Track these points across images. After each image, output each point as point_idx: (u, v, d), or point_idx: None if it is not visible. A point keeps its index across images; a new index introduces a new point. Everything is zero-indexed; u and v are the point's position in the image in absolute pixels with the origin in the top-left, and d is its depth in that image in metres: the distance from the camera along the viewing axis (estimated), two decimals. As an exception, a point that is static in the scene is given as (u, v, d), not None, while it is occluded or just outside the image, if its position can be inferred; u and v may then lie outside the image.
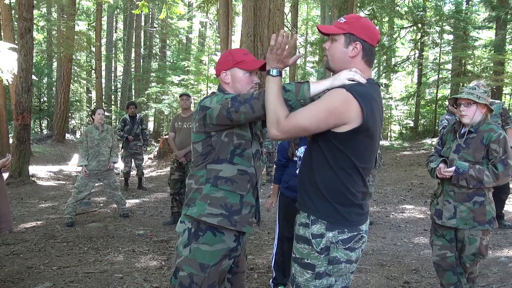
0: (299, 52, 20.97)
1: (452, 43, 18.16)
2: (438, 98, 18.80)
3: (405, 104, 22.31)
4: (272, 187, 4.44)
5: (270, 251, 4.90)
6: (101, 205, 7.69)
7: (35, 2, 10.96)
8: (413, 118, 21.89)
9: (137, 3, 13.00)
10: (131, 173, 9.45)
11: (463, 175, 2.91)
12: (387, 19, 19.96)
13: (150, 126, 24.19)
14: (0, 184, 3.49)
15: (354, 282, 3.94)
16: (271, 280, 3.88)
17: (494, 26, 16.09)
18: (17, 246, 5.12)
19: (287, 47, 1.93)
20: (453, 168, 2.97)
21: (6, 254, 4.81)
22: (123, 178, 9.24)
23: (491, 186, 2.97)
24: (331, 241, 1.87)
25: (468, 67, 18.29)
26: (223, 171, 2.16)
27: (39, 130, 24.38)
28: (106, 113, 7.89)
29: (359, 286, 3.89)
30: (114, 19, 28.88)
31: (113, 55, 27.65)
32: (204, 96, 2.27)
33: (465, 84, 16.80)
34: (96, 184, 8.09)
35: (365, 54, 1.94)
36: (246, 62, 2.25)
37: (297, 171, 3.67)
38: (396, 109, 23.20)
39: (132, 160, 9.08)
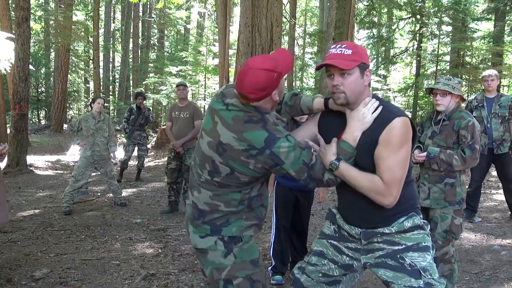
0: (297, 42, 20.89)
1: (450, 34, 18.12)
2: (436, 89, 18.77)
3: (403, 95, 22.31)
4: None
5: (265, 239, 4.95)
6: (99, 194, 7.72)
7: (32, -9, 10.89)
8: (411, 110, 21.89)
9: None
10: (129, 162, 9.45)
11: (434, 159, 3.19)
12: (385, 10, 19.89)
13: (148, 116, 24.07)
14: None
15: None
16: (269, 268, 3.92)
17: (493, 18, 16.06)
18: (15, 234, 5.15)
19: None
20: (425, 153, 3.23)
21: (4, 241, 4.84)
22: (119, 169, 9.20)
23: (462, 169, 3.24)
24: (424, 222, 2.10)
25: (467, 58, 18.27)
26: (254, 191, 2.11)
27: (37, 120, 24.33)
28: (104, 104, 7.90)
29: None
30: (112, 9, 28.71)
31: (111, 46, 27.52)
32: (271, 133, 1.94)
33: (464, 76, 16.84)
34: (94, 174, 8.12)
35: None
36: (282, 66, 1.99)
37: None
38: (394, 100, 23.21)
39: (135, 149, 9.09)
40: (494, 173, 7.62)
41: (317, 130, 2.19)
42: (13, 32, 10.22)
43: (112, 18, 28.15)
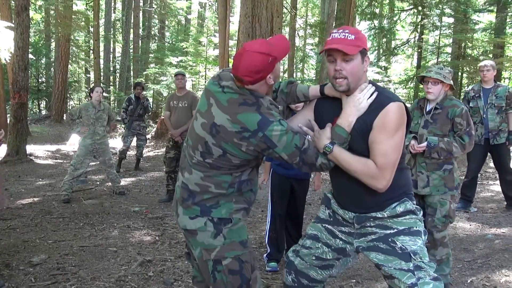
0: (297, 33, 20.84)
1: (452, 26, 18.04)
2: (436, 81, 18.71)
3: (404, 87, 22.25)
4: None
5: (262, 228, 4.99)
6: (98, 183, 7.76)
7: (31, -20, 10.87)
8: (412, 101, 21.87)
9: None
10: (128, 153, 9.50)
11: (434, 149, 3.24)
12: (387, 1, 19.80)
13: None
14: None
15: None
16: (265, 255, 3.98)
17: (495, 9, 15.97)
18: (14, 221, 5.20)
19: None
20: (425, 144, 3.27)
21: (3, 228, 4.88)
22: (117, 158, 9.23)
23: (461, 155, 3.37)
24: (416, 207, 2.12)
25: (468, 50, 18.20)
26: (244, 175, 2.14)
27: (38, 110, 24.37)
28: (104, 94, 7.94)
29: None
30: (113, -1, 28.64)
31: (112, 36, 27.44)
32: (264, 116, 1.97)
33: (465, 68, 16.79)
34: (93, 163, 8.17)
35: None
36: (278, 51, 2.02)
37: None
38: (395, 92, 23.15)
39: (134, 140, 9.12)
40: (492, 164, 7.64)
41: (313, 116, 2.21)
42: (13, 21, 10.22)
43: (112, 8, 28.03)
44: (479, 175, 7.03)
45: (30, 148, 10.96)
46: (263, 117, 1.96)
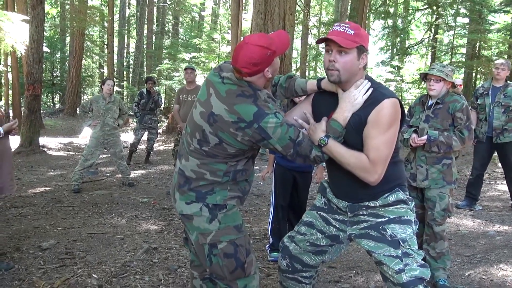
0: (310, 31, 20.84)
1: (467, 26, 17.92)
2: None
3: (417, 87, 22.12)
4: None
5: (266, 220, 5.05)
6: (108, 174, 7.89)
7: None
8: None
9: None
10: (139, 146, 9.62)
11: (434, 142, 3.31)
12: (402, 0, 19.72)
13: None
14: (5, 146, 3.61)
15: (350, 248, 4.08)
16: (267, 246, 4.07)
17: (511, 10, 15.85)
18: (25, 208, 5.34)
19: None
20: (425, 137, 3.34)
21: (15, 215, 5.04)
22: (128, 151, 9.36)
23: (460, 150, 3.42)
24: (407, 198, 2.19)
25: (483, 51, 18.05)
26: (239, 165, 2.21)
27: (52, 104, 24.71)
28: (117, 89, 8.03)
29: (349, 254, 4.03)
30: (128, -5, 28.84)
31: (126, 31, 27.68)
32: (260, 108, 2.03)
33: (479, 68, 16.68)
34: (104, 156, 8.31)
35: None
36: (277, 46, 2.08)
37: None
38: (407, 92, 23.02)
39: (145, 133, 9.25)
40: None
41: (311, 110, 2.28)
42: (28, 14, 10.40)
43: (127, 3, 28.27)
44: (486, 174, 7.05)
45: (43, 140, 11.15)
46: (259, 109, 2.03)
